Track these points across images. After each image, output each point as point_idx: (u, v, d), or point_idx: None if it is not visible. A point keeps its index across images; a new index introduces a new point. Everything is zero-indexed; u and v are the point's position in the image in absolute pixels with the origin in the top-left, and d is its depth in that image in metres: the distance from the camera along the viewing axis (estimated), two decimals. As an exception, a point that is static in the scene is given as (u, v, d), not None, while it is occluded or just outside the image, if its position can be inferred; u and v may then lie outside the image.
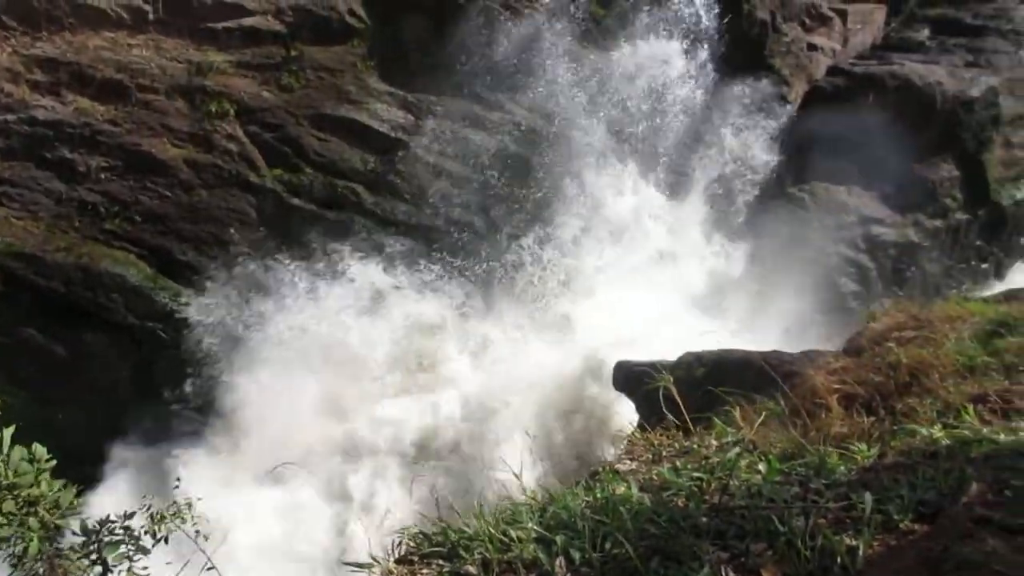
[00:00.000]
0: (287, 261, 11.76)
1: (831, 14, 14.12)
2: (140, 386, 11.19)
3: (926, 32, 15.29)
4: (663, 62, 13.69)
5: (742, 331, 12.29)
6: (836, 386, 6.73)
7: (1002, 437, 3.37)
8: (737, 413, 3.25)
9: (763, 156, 13.97)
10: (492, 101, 12.88)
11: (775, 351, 8.28)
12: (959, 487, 2.32)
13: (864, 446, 3.62)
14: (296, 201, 11.83)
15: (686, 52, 13.73)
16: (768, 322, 12.30)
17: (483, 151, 12.64)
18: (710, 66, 13.77)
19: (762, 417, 3.06)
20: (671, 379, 3.44)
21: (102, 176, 11.41)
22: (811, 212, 13.37)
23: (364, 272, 11.96)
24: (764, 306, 12.68)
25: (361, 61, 12.26)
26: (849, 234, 13.36)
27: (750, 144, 13.96)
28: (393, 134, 12.36)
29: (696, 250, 13.83)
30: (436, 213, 12.51)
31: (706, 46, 13.68)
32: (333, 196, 12.06)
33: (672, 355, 8.45)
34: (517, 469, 2.77)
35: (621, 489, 2.52)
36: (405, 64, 12.49)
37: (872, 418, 5.76)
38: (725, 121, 13.93)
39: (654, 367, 8.69)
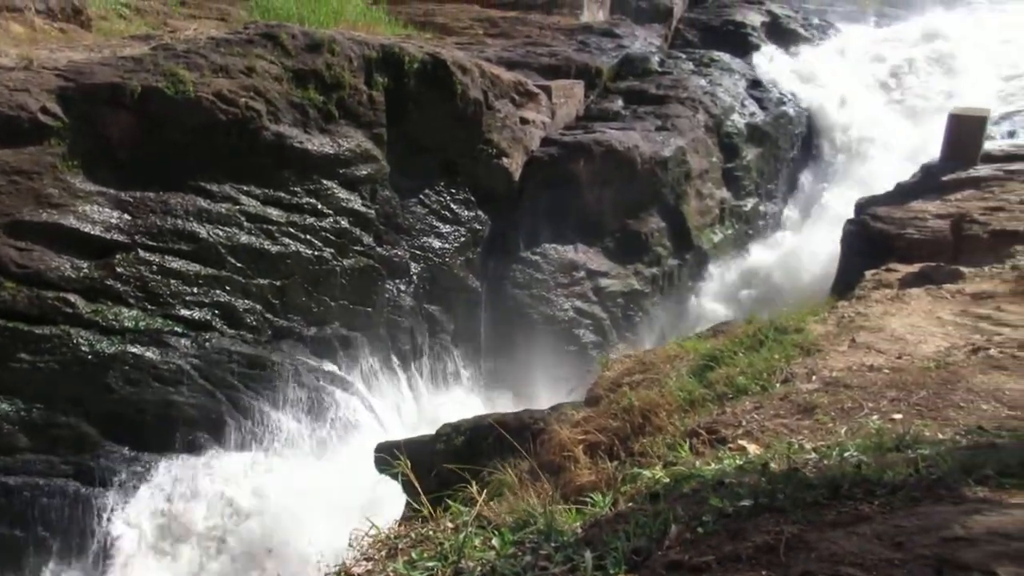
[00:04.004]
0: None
1: (537, 90, 15.30)
2: None
3: (620, 103, 17.10)
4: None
5: (495, 395, 12.65)
6: (581, 437, 7.06)
7: (710, 468, 3.68)
8: (474, 487, 3.28)
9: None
10: (217, 193, 12.35)
11: (527, 410, 8.59)
12: (664, 530, 2.49)
13: (601, 496, 3.79)
14: (-4, 320, 10.45)
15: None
16: (519, 382, 12.79)
17: (213, 245, 12.03)
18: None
19: (485, 490, 3.11)
20: (408, 461, 3.40)
21: None
22: (545, 272, 14.25)
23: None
24: (513, 367, 13.19)
25: (62, 161, 11.20)
26: (581, 288, 14.40)
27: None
28: (108, 235, 11.38)
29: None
30: (167, 315, 11.65)
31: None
32: (42, 310, 10.81)
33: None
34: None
35: (355, 595, 2.42)
36: (115, 162, 11.63)
37: (615, 463, 6.10)
38: None
39: (413, 444, 8.63)
